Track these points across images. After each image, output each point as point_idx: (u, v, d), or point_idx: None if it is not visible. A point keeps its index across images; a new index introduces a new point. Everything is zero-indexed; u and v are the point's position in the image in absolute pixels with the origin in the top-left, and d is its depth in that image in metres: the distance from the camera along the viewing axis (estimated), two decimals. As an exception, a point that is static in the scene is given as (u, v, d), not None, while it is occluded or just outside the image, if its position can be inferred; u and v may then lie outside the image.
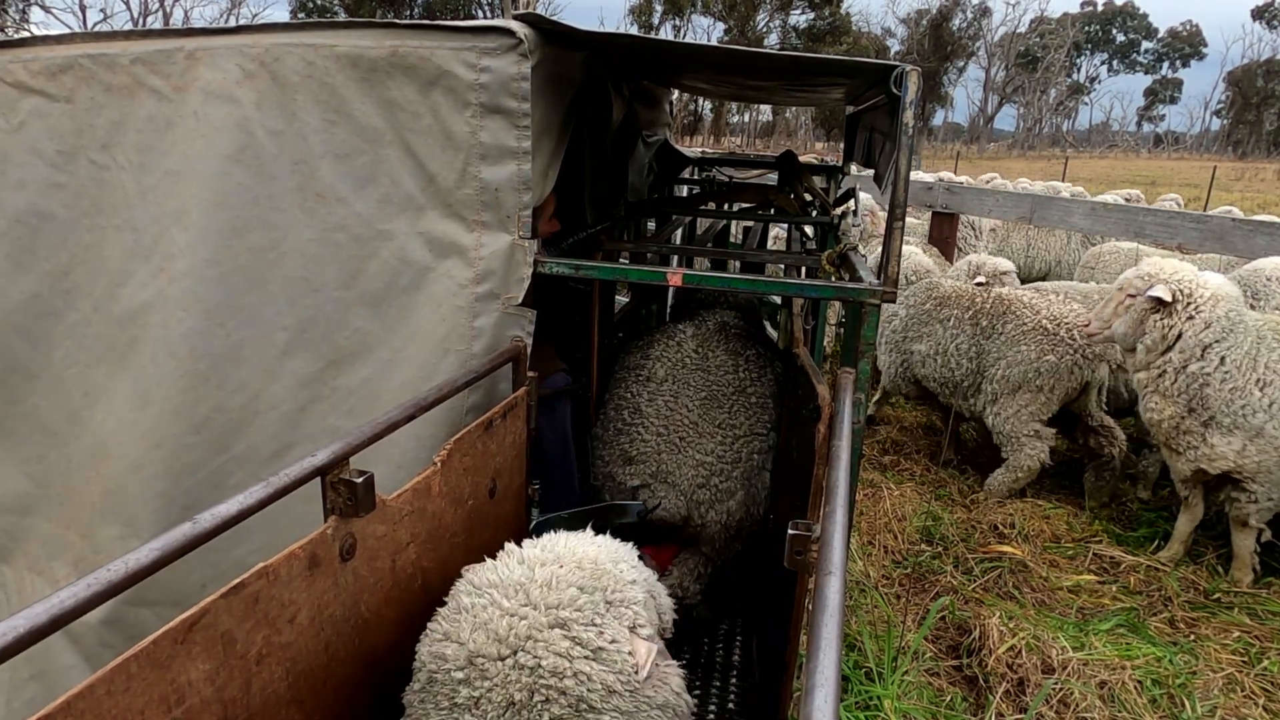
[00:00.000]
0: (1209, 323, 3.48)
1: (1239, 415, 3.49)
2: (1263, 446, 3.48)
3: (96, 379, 2.18)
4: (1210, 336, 3.49)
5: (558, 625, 1.44)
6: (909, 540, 4.23)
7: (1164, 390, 3.63)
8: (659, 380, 2.82)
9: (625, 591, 1.54)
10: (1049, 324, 4.41)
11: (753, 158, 7.10)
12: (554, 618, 1.44)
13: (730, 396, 2.80)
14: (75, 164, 2.12)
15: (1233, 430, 3.52)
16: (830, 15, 47.42)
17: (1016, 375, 4.42)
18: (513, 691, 1.39)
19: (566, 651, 1.41)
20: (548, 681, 1.38)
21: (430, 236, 2.06)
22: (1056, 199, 6.47)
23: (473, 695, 1.41)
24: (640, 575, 1.63)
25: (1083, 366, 4.32)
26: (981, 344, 4.59)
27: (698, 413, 2.74)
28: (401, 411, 1.64)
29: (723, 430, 2.72)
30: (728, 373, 2.85)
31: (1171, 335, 3.55)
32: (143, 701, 1.04)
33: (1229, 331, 3.48)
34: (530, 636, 1.42)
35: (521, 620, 1.44)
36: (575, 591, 1.48)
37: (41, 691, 2.21)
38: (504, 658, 1.41)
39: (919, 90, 1.95)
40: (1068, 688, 3.02)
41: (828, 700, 0.83)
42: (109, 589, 1.00)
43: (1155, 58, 76.40)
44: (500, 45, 1.93)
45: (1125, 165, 42.86)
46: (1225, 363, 3.49)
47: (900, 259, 2.06)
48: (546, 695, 1.38)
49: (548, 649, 1.40)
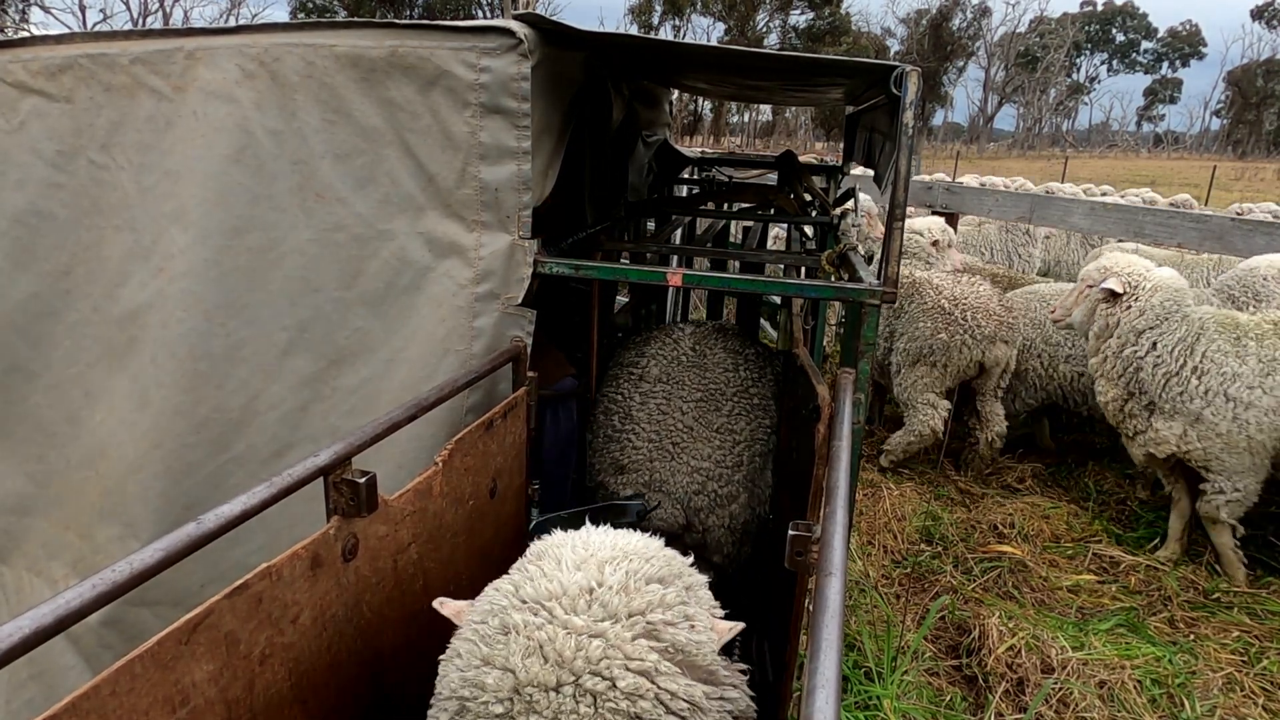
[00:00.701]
0: (1143, 310, 3.75)
1: (1177, 401, 3.71)
2: (1203, 432, 3.67)
3: (96, 379, 2.18)
4: (1144, 323, 3.75)
5: (646, 635, 1.20)
6: (909, 540, 4.24)
7: (1106, 374, 3.92)
8: (652, 380, 2.74)
9: (696, 574, 1.35)
10: (947, 304, 4.75)
11: (753, 158, 7.10)
12: (642, 626, 1.21)
13: (730, 398, 2.72)
14: (75, 164, 2.12)
15: (1173, 415, 3.74)
16: (830, 15, 47.41)
17: (914, 349, 4.83)
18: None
19: (654, 666, 1.18)
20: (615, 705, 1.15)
21: (430, 236, 2.06)
22: (1056, 199, 6.47)
23: None
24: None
25: (971, 346, 4.69)
26: (892, 322, 5.01)
27: (692, 416, 2.66)
28: (403, 411, 1.64)
29: (720, 435, 2.64)
30: (726, 371, 2.77)
31: (1113, 323, 3.84)
32: (147, 702, 1.04)
33: (1163, 319, 3.73)
34: (605, 656, 1.18)
35: (595, 639, 1.19)
36: (657, 587, 1.25)
37: (41, 692, 2.21)
38: (562, 686, 1.17)
39: (919, 90, 1.95)
40: (1067, 687, 3.03)
41: (828, 701, 0.83)
42: (113, 589, 1.00)
43: (1155, 58, 76.40)
44: (500, 45, 1.93)
45: (1125, 165, 42.87)
46: (1157, 348, 3.73)
47: (900, 259, 2.06)
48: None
49: (627, 667, 1.17)
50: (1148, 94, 78.76)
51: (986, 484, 4.95)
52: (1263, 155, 54.95)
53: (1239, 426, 3.62)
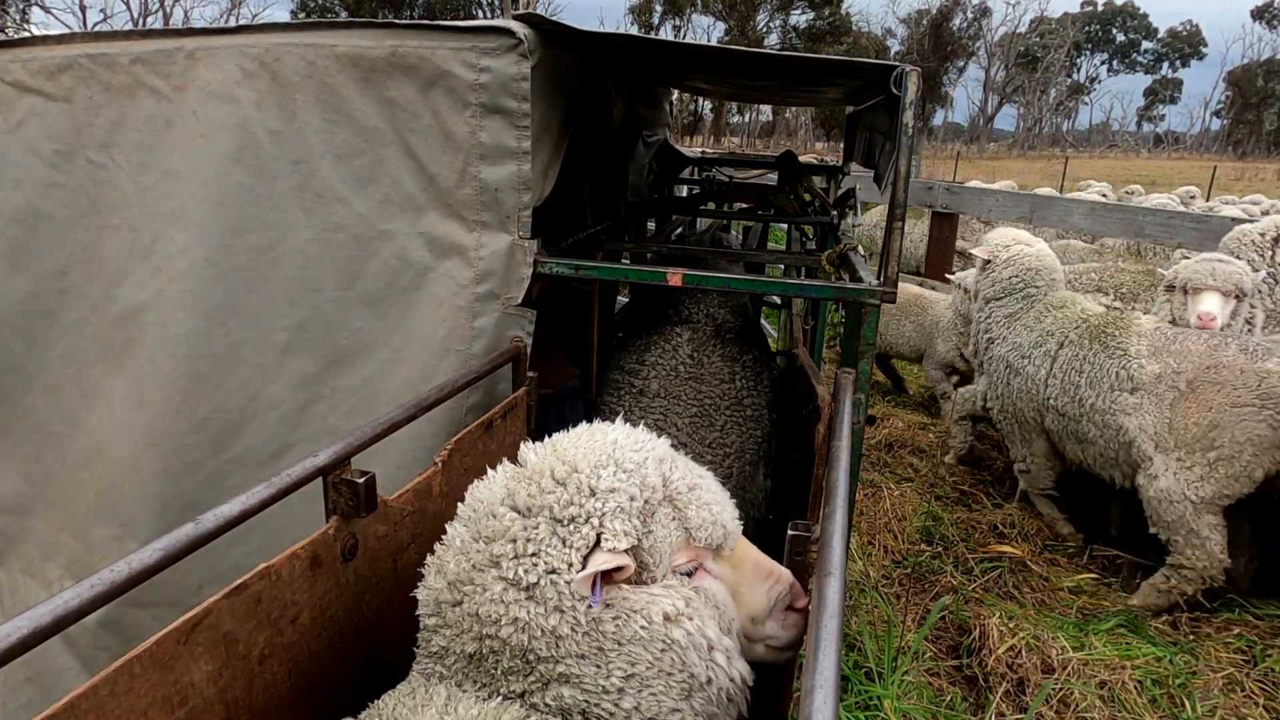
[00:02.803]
0: (994, 280, 4.25)
1: (985, 363, 4.36)
2: (991, 394, 4.31)
3: (94, 379, 2.17)
4: (991, 292, 4.27)
5: (492, 564, 1.24)
6: (909, 540, 4.24)
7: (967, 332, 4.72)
8: (651, 395, 2.75)
9: (583, 505, 1.25)
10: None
11: (753, 158, 7.10)
12: (488, 555, 1.24)
13: (723, 411, 2.74)
14: (73, 164, 2.12)
15: (981, 376, 4.48)
16: (830, 15, 47.43)
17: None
18: (466, 642, 1.24)
19: (500, 595, 1.21)
20: (490, 631, 1.22)
21: (430, 236, 2.06)
22: (1056, 198, 6.47)
23: (442, 645, 1.28)
24: (631, 481, 1.29)
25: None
26: None
27: (687, 432, 2.68)
28: (402, 412, 1.64)
29: (712, 449, 2.68)
30: (723, 383, 2.79)
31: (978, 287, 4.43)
32: (145, 702, 1.04)
33: (1008, 292, 4.19)
34: (470, 580, 1.24)
35: (467, 560, 1.25)
36: (512, 517, 1.26)
37: (37, 694, 2.21)
38: (457, 603, 1.25)
39: (919, 90, 1.95)
40: (1068, 688, 3.03)
41: (827, 701, 0.83)
42: (111, 590, 1.00)
43: (1155, 58, 76.40)
44: (500, 45, 1.93)
45: (1125, 165, 42.86)
46: (993, 314, 4.28)
47: (900, 259, 2.06)
48: (492, 646, 1.22)
49: (484, 594, 1.22)
50: (1148, 94, 78.77)
51: (988, 487, 4.95)
52: (1263, 155, 54.94)
53: (1008, 392, 4.14)
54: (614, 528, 1.24)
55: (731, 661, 1.31)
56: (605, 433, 1.39)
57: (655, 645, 1.24)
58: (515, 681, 1.23)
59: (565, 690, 1.22)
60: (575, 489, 1.27)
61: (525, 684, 1.23)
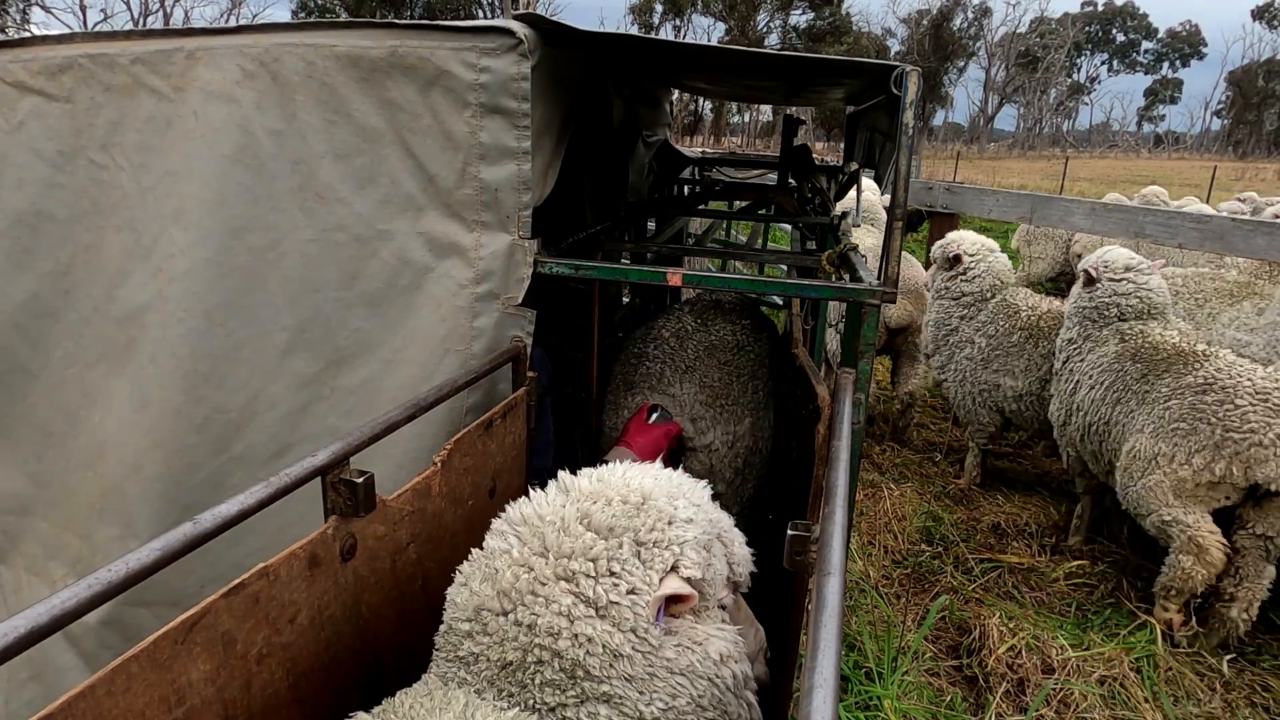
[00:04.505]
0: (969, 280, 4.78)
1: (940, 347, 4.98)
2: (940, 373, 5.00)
3: (95, 379, 2.18)
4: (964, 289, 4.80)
5: (565, 578, 1.26)
6: (909, 540, 4.23)
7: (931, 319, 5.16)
8: (663, 339, 2.95)
9: (665, 531, 1.31)
10: None
11: (753, 158, 7.10)
12: (563, 568, 1.26)
13: (731, 349, 2.95)
14: (75, 164, 2.12)
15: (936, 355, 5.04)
16: (830, 15, 47.41)
17: None
18: (508, 650, 1.25)
19: (568, 610, 1.24)
20: (544, 642, 1.23)
21: (430, 236, 2.06)
22: (1056, 199, 6.47)
23: (473, 651, 1.29)
24: (702, 515, 1.39)
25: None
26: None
27: (702, 355, 2.87)
28: (402, 411, 1.64)
29: (725, 369, 2.85)
30: (726, 335, 3.01)
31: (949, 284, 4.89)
32: (143, 702, 1.04)
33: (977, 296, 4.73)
34: (532, 591, 1.26)
35: (528, 572, 1.27)
36: (591, 537, 1.29)
37: (40, 692, 2.21)
38: (505, 613, 1.27)
39: (919, 90, 1.95)
40: (1068, 688, 3.02)
41: (826, 700, 0.83)
42: (110, 589, 1.00)
43: (1155, 58, 76.37)
44: (500, 45, 1.93)
45: (1126, 165, 42.85)
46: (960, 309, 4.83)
47: (900, 259, 2.06)
48: (540, 657, 1.23)
49: (548, 606, 1.24)
50: (1148, 94, 78.74)
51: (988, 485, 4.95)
52: (1263, 155, 54.90)
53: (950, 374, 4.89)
54: (690, 556, 1.30)
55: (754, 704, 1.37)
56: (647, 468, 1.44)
57: (702, 681, 1.28)
58: (551, 694, 1.24)
59: (602, 709, 1.23)
60: (655, 516, 1.31)
61: (562, 697, 1.24)
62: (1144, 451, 3.44)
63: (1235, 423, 3.21)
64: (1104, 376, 3.74)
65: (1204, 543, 3.27)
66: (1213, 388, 3.32)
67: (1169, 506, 3.35)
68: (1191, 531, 3.29)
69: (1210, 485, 3.29)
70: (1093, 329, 3.90)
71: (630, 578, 1.25)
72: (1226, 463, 3.21)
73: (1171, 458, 3.34)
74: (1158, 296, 3.81)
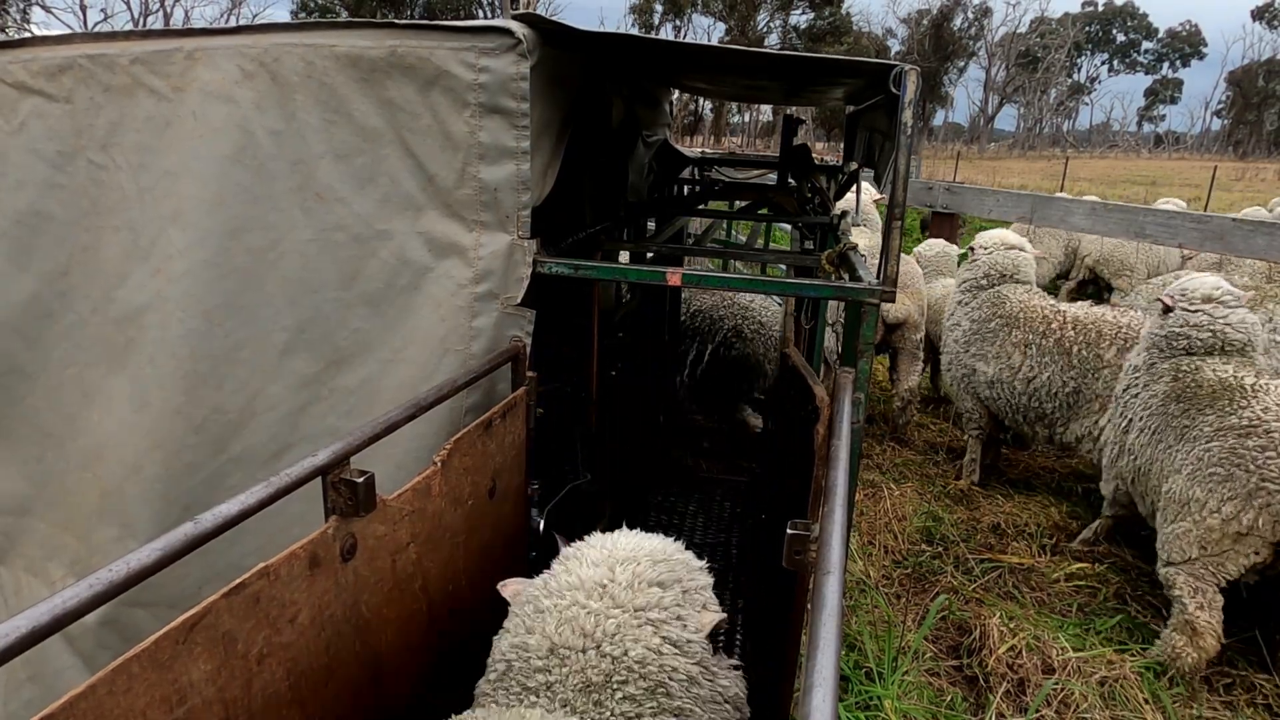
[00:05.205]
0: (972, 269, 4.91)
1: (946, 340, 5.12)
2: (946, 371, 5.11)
3: (94, 380, 2.18)
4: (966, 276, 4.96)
5: (649, 624, 1.48)
6: (909, 540, 4.23)
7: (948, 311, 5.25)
8: None
9: (698, 578, 1.60)
10: None
11: (753, 158, 7.11)
12: (644, 619, 1.49)
13: None
14: (74, 164, 2.12)
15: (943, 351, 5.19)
16: (830, 15, 47.40)
17: None
18: (590, 674, 1.43)
19: (658, 648, 1.46)
20: (630, 666, 1.43)
21: (429, 236, 2.06)
22: (1056, 198, 6.47)
23: (548, 680, 1.45)
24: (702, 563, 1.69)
25: None
26: None
27: None
28: (401, 411, 1.64)
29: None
30: None
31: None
32: (144, 702, 1.04)
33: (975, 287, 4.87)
34: (618, 633, 1.46)
35: (609, 619, 1.47)
36: (658, 591, 1.52)
37: (39, 693, 2.21)
38: (587, 650, 1.45)
39: (918, 90, 1.95)
40: (1068, 688, 3.02)
41: (826, 699, 0.83)
42: (110, 589, 1.00)
43: (1155, 58, 76.32)
44: (499, 45, 1.93)
45: (1126, 165, 42.84)
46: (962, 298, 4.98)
47: (899, 259, 2.06)
48: (625, 677, 1.42)
49: (637, 643, 1.45)
50: (1148, 94, 78.70)
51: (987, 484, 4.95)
52: (1263, 155, 54.89)
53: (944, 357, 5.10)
54: (713, 595, 1.62)
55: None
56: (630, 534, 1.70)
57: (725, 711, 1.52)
58: (629, 706, 1.44)
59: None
60: (685, 567, 1.60)
61: (638, 709, 1.44)
62: (1179, 495, 3.24)
63: (1274, 472, 2.97)
64: (1152, 420, 3.52)
65: (1200, 629, 3.12)
66: (1256, 431, 3.06)
67: (1188, 563, 3.16)
68: (1189, 615, 3.14)
69: (1237, 537, 3.07)
70: (1158, 359, 3.60)
71: (690, 620, 1.52)
72: (1256, 513, 3.00)
73: (1204, 504, 3.13)
74: (1236, 333, 3.42)
